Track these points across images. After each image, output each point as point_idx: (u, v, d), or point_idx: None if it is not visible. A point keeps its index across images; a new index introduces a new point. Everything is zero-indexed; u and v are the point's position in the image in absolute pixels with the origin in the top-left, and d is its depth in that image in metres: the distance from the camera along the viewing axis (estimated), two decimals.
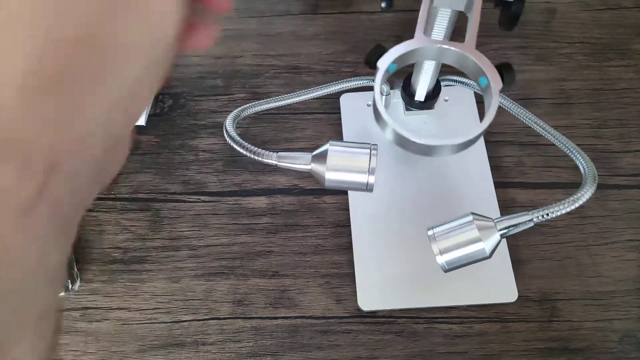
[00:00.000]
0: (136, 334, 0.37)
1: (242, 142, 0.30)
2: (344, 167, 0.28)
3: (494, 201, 0.37)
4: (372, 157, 0.28)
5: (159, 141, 0.44)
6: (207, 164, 0.42)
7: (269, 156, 0.30)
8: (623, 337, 0.35)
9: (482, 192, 0.38)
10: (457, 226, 0.27)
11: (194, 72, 0.46)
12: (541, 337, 0.35)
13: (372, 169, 0.28)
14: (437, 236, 0.27)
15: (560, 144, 0.31)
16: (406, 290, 0.35)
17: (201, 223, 0.40)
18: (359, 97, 0.42)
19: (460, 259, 0.27)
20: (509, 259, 0.36)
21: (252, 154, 0.30)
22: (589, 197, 0.26)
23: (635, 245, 0.38)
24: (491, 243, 0.27)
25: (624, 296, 0.36)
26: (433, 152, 0.25)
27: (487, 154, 0.39)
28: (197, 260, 0.39)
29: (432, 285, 0.35)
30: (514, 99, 0.43)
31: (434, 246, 0.27)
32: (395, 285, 0.35)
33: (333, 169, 0.28)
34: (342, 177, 0.29)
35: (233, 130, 0.31)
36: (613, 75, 0.44)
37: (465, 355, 0.35)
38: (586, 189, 0.26)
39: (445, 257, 0.27)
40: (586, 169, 0.28)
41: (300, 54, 0.47)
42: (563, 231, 0.38)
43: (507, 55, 0.45)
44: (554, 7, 0.48)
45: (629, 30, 0.46)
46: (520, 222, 0.26)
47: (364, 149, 0.29)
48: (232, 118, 0.32)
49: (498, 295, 0.35)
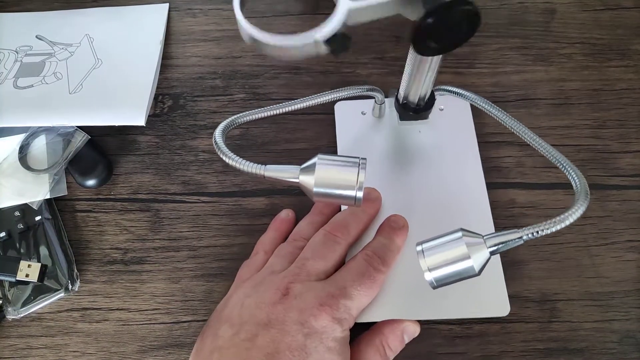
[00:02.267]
0: (136, 335, 0.37)
1: (230, 155, 0.30)
2: (332, 181, 0.28)
3: (488, 216, 0.37)
4: (361, 172, 0.28)
5: (159, 142, 0.44)
6: (207, 165, 0.42)
7: (257, 168, 0.29)
8: (622, 338, 0.35)
9: (477, 206, 0.37)
10: (446, 242, 0.27)
11: (193, 73, 0.46)
12: (540, 337, 0.35)
13: (361, 183, 0.28)
14: (425, 252, 0.27)
15: (553, 158, 0.30)
16: (396, 302, 0.34)
17: (201, 224, 0.40)
18: (353, 105, 0.42)
19: (448, 276, 0.27)
20: (502, 273, 0.35)
21: (240, 165, 0.30)
22: (581, 214, 0.25)
23: (634, 246, 0.38)
24: (480, 260, 0.26)
25: (624, 297, 0.36)
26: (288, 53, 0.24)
27: (482, 166, 0.39)
28: (197, 261, 0.39)
29: (423, 298, 0.34)
30: (514, 99, 0.43)
31: (422, 262, 0.27)
32: (385, 297, 0.34)
33: (321, 183, 0.28)
34: (330, 191, 0.28)
35: (222, 141, 0.31)
36: (613, 75, 0.44)
37: (465, 355, 0.35)
38: (578, 206, 0.26)
39: (433, 274, 0.27)
40: (579, 185, 0.27)
41: None
42: (562, 232, 0.38)
43: (506, 55, 0.45)
44: (554, 7, 0.48)
45: (629, 31, 0.46)
46: (510, 239, 0.26)
47: (352, 163, 0.29)
48: (221, 129, 0.32)
49: (490, 310, 0.34)
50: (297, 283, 0.31)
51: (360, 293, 0.32)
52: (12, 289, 0.37)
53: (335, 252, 0.34)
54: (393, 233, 0.35)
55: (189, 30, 0.49)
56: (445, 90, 0.36)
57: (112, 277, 0.39)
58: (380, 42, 0.47)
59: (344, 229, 0.35)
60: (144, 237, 0.40)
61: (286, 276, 0.32)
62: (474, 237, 0.27)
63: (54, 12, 0.50)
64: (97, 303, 0.38)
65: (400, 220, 0.36)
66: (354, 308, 0.31)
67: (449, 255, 0.26)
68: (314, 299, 0.30)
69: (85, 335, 0.37)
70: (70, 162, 0.42)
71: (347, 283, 0.32)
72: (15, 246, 0.39)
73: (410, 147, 0.40)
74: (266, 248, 0.37)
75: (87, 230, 0.40)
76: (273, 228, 0.39)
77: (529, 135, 0.32)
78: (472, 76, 0.45)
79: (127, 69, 0.45)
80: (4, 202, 0.40)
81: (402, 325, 0.34)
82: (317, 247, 0.34)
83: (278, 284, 0.32)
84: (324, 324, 0.30)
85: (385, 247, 0.34)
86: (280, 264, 0.34)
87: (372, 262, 0.33)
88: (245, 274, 0.35)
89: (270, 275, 0.33)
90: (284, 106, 0.35)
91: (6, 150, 0.42)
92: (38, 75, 0.46)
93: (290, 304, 0.30)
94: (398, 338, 0.33)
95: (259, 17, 0.49)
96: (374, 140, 0.40)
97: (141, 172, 0.42)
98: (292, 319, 0.30)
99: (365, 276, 0.32)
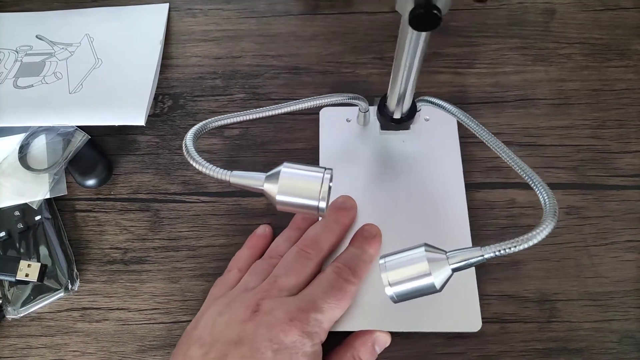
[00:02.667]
0: (136, 335, 0.37)
1: (198, 159, 0.30)
2: (296, 190, 0.28)
3: (466, 228, 0.37)
4: (324, 182, 0.28)
5: (159, 141, 0.44)
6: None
7: (223, 174, 0.30)
8: (622, 338, 0.35)
9: (455, 218, 0.37)
10: (408, 258, 0.27)
11: (193, 73, 0.46)
12: (540, 337, 0.35)
13: (324, 193, 0.28)
14: (387, 267, 0.27)
15: (524, 174, 0.30)
16: (368, 313, 0.34)
17: (201, 224, 0.40)
18: (338, 112, 0.42)
19: (409, 292, 0.27)
20: (476, 289, 0.35)
21: (207, 170, 0.30)
22: (547, 234, 0.25)
23: (634, 246, 0.38)
24: (442, 277, 0.26)
25: (623, 297, 0.36)
26: None
27: (463, 180, 0.39)
28: (196, 261, 0.39)
29: (396, 309, 0.33)
30: (514, 99, 0.43)
31: (384, 277, 0.27)
32: (358, 308, 0.34)
33: (284, 191, 0.28)
34: (293, 200, 0.28)
35: (192, 145, 0.31)
36: (612, 75, 0.44)
37: (464, 355, 0.35)
38: (545, 226, 0.25)
39: (394, 289, 0.27)
40: (547, 204, 0.27)
41: (300, 55, 0.47)
42: (562, 232, 0.38)
43: (506, 55, 0.45)
44: (554, 7, 0.48)
45: (628, 31, 0.46)
46: (472, 256, 0.26)
47: (317, 172, 0.29)
48: (193, 133, 0.32)
49: (462, 325, 0.34)
50: (267, 299, 0.31)
51: (331, 306, 0.31)
52: (12, 288, 0.37)
53: (307, 268, 0.33)
54: (365, 243, 0.35)
55: (189, 30, 0.49)
56: (427, 102, 0.36)
57: (112, 276, 0.39)
58: (380, 42, 0.47)
59: (315, 244, 0.35)
60: (143, 237, 0.40)
61: (257, 293, 0.32)
62: (437, 252, 0.27)
63: (53, 12, 0.50)
64: (97, 303, 0.38)
65: (373, 229, 0.36)
66: (325, 321, 0.31)
67: (411, 272, 0.26)
68: (284, 314, 0.30)
69: (85, 335, 0.37)
70: (70, 162, 0.42)
71: (318, 296, 0.31)
72: (15, 246, 0.39)
73: (392, 156, 0.40)
74: (240, 265, 0.36)
75: (87, 230, 0.41)
76: (248, 245, 0.38)
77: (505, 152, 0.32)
78: (471, 76, 0.45)
79: (127, 69, 0.46)
80: (3, 201, 0.40)
81: (372, 337, 0.33)
82: (288, 264, 0.34)
83: (249, 301, 0.31)
84: (294, 339, 0.29)
85: (356, 258, 0.34)
86: (255, 281, 0.34)
87: (341, 273, 0.33)
88: (218, 292, 0.35)
89: (243, 292, 0.33)
90: (262, 111, 0.35)
91: (6, 150, 0.42)
92: (38, 75, 0.46)
93: (261, 320, 0.30)
94: (369, 350, 0.33)
95: (259, 17, 0.49)
96: (356, 148, 0.40)
97: (141, 172, 0.43)
98: (262, 336, 0.29)
99: (335, 288, 0.32)
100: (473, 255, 0.26)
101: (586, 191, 0.40)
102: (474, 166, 0.41)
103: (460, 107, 0.35)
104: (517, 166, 0.31)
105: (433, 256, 0.26)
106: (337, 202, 0.37)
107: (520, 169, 0.31)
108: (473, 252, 0.26)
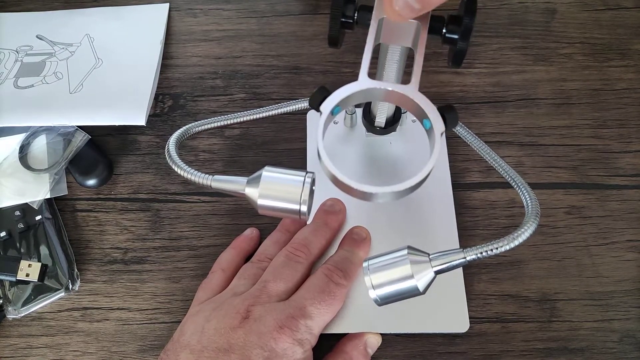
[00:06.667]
0: (136, 334, 0.37)
1: (180, 164, 0.30)
2: (277, 193, 0.28)
3: (454, 230, 0.37)
4: (305, 185, 0.28)
5: (159, 141, 0.44)
6: (207, 165, 0.42)
7: (204, 179, 0.30)
8: (623, 337, 0.35)
9: (443, 220, 0.37)
10: (391, 261, 0.27)
11: (194, 73, 0.46)
12: (541, 337, 0.35)
13: (305, 197, 0.28)
14: (371, 269, 0.27)
15: (508, 177, 0.30)
16: (358, 315, 0.34)
17: (201, 223, 0.40)
18: None
19: (392, 295, 0.27)
20: (463, 290, 0.35)
21: (188, 175, 0.30)
22: (529, 235, 0.25)
23: (635, 246, 0.38)
24: (425, 280, 0.26)
25: (624, 296, 0.36)
26: (373, 198, 0.25)
27: (451, 187, 0.39)
28: (197, 261, 0.39)
29: (385, 311, 0.32)
30: (514, 99, 0.43)
31: (367, 280, 0.27)
32: (347, 310, 0.34)
33: (265, 195, 0.28)
34: (274, 204, 0.28)
35: (174, 150, 0.31)
36: (613, 75, 0.44)
37: (465, 355, 0.35)
38: (527, 227, 0.25)
39: (377, 292, 0.27)
40: (530, 206, 0.27)
41: (301, 54, 0.47)
42: (563, 231, 0.38)
43: (507, 55, 0.45)
44: (554, 7, 0.48)
45: (629, 31, 0.46)
46: (455, 259, 0.26)
47: (298, 176, 0.29)
48: (175, 138, 0.32)
49: (450, 326, 0.34)
50: (257, 305, 0.31)
51: (321, 311, 0.31)
52: (13, 288, 0.37)
53: (297, 272, 0.33)
54: (355, 245, 0.35)
55: (189, 30, 0.49)
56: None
57: (113, 276, 0.39)
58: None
59: (305, 247, 0.34)
60: (144, 237, 0.40)
61: (246, 299, 0.31)
62: (419, 255, 0.27)
63: (54, 12, 0.50)
64: (98, 303, 0.38)
65: (363, 232, 0.36)
66: (316, 327, 0.31)
67: (394, 275, 0.26)
68: (274, 321, 0.30)
69: (85, 335, 0.37)
70: (70, 161, 0.42)
71: (307, 302, 0.31)
72: (15, 246, 0.39)
73: (379, 158, 0.40)
74: (223, 266, 0.36)
75: (87, 229, 0.40)
76: (233, 246, 0.38)
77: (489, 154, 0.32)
78: (472, 76, 0.45)
79: (127, 69, 0.46)
80: (4, 201, 0.40)
81: (363, 339, 0.33)
82: (278, 269, 0.33)
83: (238, 307, 0.31)
84: (285, 346, 0.29)
85: (347, 260, 0.34)
86: (244, 286, 0.33)
87: (332, 276, 0.33)
88: (203, 297, 0.34)
89: (231, 297, 0.32)
90: (246, 115, 0.35)
91: (6, 150, 0.42)
92: (38, 75, 0.46)
93: (250, 327, 0.30)
94: (362, 353, 0.33)
95: (259, 17, 0.49)
96: (344, 150, 0.40)
97: (141, 171, 0.43)
98: (253, 343, 0.29)
99: (325, 292, 0.32)
100: (455, 257, 0.26)
101: (587, 191, 0.40)
102: (474, 166, 0.41)
103: (461, 107, 0.35)
104: (497, 165, 0.31)
105: (416, 259, 0.26)
106: (325, 204, 0.37)
107: (501, 168, 0.31)
108: (455, 254, 0.26)
